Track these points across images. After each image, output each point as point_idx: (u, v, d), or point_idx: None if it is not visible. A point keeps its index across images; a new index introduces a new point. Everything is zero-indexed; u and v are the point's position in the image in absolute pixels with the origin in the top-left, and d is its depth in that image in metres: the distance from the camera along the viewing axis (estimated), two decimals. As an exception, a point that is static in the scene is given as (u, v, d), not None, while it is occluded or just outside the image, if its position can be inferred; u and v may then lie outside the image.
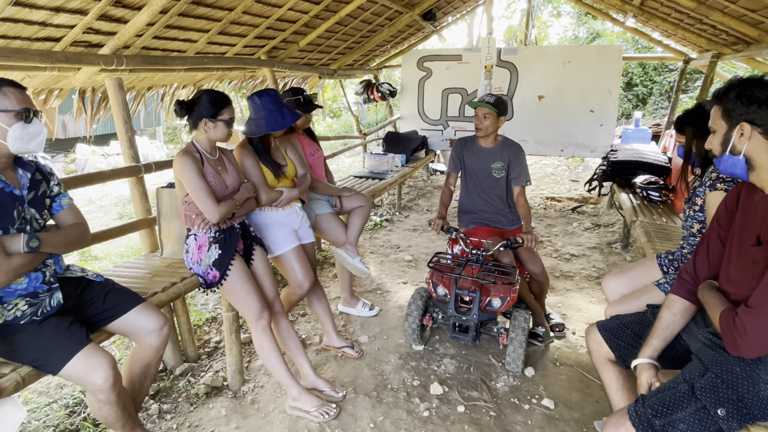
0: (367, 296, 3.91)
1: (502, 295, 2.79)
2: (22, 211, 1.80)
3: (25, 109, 1.76)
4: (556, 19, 17.05)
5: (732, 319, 1.47)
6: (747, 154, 1.53)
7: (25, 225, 1.81)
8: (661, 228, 3.47)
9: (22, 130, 1.76)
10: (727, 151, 1.57)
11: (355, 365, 2.97)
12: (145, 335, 2.07)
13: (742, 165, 1.55)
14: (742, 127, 1.50)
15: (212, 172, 2.37)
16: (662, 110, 12.30)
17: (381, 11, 5.48)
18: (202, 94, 2.34)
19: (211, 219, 2.31)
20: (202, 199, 2.28)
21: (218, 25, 3.53)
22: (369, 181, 5.27)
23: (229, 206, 2.35)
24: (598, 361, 2.01)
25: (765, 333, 1.40)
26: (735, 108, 1.51)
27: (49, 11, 2.45)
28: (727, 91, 1.54)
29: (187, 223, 2.44)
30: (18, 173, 1.85)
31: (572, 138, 6.62)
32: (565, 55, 6.47)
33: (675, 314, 1.78)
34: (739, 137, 1.52)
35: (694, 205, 2.28)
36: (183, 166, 2.27)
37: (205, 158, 2.38)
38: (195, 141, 2.41)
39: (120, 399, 1.90)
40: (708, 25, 4.60)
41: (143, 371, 2.16)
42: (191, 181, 2.27)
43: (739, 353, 1.46)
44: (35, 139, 1.81)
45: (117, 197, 8.47)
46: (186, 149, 2.38)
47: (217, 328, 3.46)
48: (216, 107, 2.33)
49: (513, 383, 2.78)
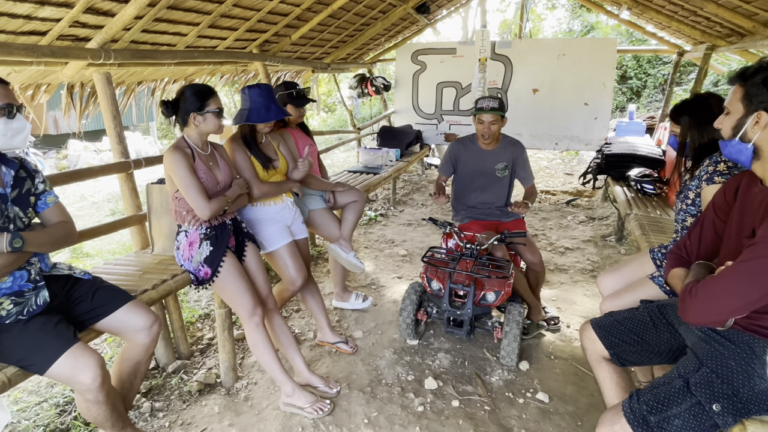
0: (362, 291, 3.89)
1: (496, 289, 2.77)
2: (5, 210, 1.77)
3: (7, 104, 1.73)
4: (550, 11, 17.01)
5: (692, 286, 1.47)
6: (757, 143, 1.47)
7: (8, 224, 1.77)
8: (655, 221, 3.47)
9: (5, 126, 1.72)
10: (737, 137, 1.50)
11: (350, 361, 2.95)
12: (135, 333, 2.04)
13: (748, 153, 1.50)
14: (759, 115, 1.43)
15: (203, 167, 2.33)
16: (656, 103, 12.30)
17: (374, 4, 5.43)
18: (185, 89, 2.30)
19: (201, 216, 2.28)
20: (192, 196, 2.25)
21: (208, 18, 3.48)
22: (363, 175, 5.24)
23: (220, 203, 2.32)
24: (592, 359, 1.99)
25: (714, 300, 1.39)
26: (759, 94, 1.42)
27: (33, 4, 2.39)
28: (755, 72, 1.44)
29: (177, 220, 2.41)
30: (1, 171, 1.81)
31: (567, 131, 6.61)
32: (560, 48, 6.45)
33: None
34: (753, 125, 1.45)
35: (686, 199, 2.26)
36: (173, 162, 2.23)
37: (196, 154, 2.34)
38: (186, 136, 2.37)
39: (109, 399, 1.87)
40: (702, 17, 4.59)
41: (133, 370, 2.13)
42: (181, 177, 2.23)
43: (684, 316, 1.46)
44: (19, 135, 1.77)
45: (109, 193, 8.41)
46: (176, 144, 2.33)
47: (210, 325, 3.44)
48: (201, 99, 2.28)
49: (507, 377, 2.77)
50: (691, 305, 1.43)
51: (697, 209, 2.20)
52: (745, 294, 1.35)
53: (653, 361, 1.93)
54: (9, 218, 1.78)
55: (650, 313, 1.92)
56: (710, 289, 1.41)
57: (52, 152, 12.41)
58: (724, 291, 1.38)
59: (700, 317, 1.43)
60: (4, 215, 1.76)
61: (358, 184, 4.72)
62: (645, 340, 1.87)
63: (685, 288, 1.50)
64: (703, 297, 1.41)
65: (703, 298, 1.41)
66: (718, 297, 1.39)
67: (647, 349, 1.87)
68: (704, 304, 1.41)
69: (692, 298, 1.44)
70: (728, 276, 1.39)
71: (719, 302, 1.39)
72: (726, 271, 1.40)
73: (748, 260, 1.35)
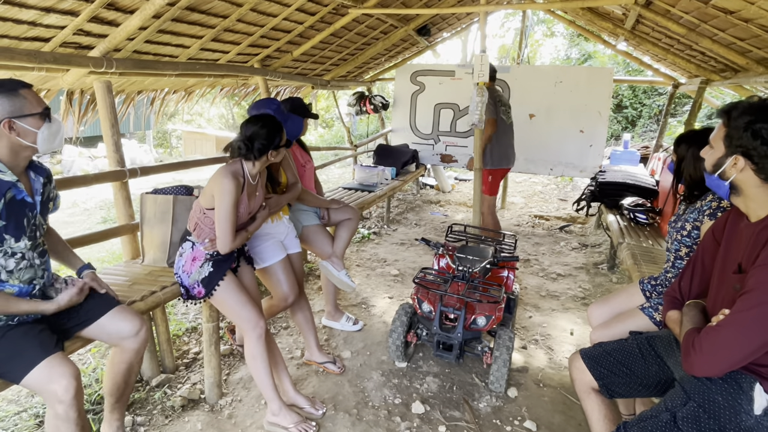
0: (352, 310, 3.87)
1: (487, 313, 2.77)
2: (32, 218, 1.78)
3: (45, 108, 1.76)
4: (548, 38, 17.28)
5: (693, 337, 1.47)
6: (735, 183, 1.51)
7: (35, 232, 1.79)
8: (647, 251, 3.49)
9: (48, 130, 1.75)
10: (716, 174, 1.55)
11: (337, 381, 2.92)
12: (122, 340, 2.02)
13: (725, 190, 1.55)
14: (737, 159, 1.47)
15: (245, 201, 2.33)
16: (651, 133, 12.46)
17: (376, 24, 5.50)
18: (257, 127, 2.29)
19: (221, 249, 2.27)
20: (224, 229, 2.23)
21: (212, 32, 3.51)
22: (358, 193, 5.24)
23: (242, 239, 2.35)
24: (581, 390, 1.98)
25: (720, 351, 1.39)
26: (739, 138, 1.45)
27: (39, 11, 2.41)
28: (739, 115, 1.46)
29: (194, 232, 2.39)
30: (30, 177, 1.82)
31: (562, 157, 6.66)
32: (557, 75, 6.54)
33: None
34: (731, 165, 1.49)
35: (682, 230, 2.27)
36: (225, 189, 2.20)
37: (246, 184, 2.33)
38: (244, 162, 2.35)
39: (80, 418, 1.77)
40: (697, 51, 4.68)
41: (126, 370, 2.11)
42: (224, 208, 2.21)
43: (691, 370, 1.46)
44: (57, 136, 1.80)
45: (102, 200, 8.36)
46: (235, 170, 2.28)
47: (197, 339, 3.39)
48: (279, 137, 2.34)
49: (496, 404, 2.75)
50: (698, 361, 1.43)
51: (692, 241, 2.21)
52: (751, 343, 1.36)
53: (641, 393, 1.92)
54: (35, 226, 1.79)
55: (639, 345, 1.92)
56: (714, 342, 1.41)
57: (46, 157, 12.36)
58: (729, 343, 1.38)
59: (707, 371, 1.43)
60: (30, 224, 1.76)
61: (352, 202, 4.73)
62: (634, 372, 1.87)
63: (687, 341, 1.50)
64: (708, 351, 1.41)
65: (709, 353, 1.41)
66: (724, 350, 1.39)
67: (636, 381, 1.87)
68: (710, 358, 1.41)
69: (697, 353, 1.43)
70: (732, 327, 1.39)
71: (725, 355, 1.39)
72: (728, 321, 1.40)
73: (749, 309, 1.36)
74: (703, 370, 1.44)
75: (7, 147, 1.70)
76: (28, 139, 1.71)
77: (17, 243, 1.74)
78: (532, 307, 4.02)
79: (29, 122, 1.70)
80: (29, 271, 1.82)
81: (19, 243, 1.75)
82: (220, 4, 3.26)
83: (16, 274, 1.77)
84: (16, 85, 1.70)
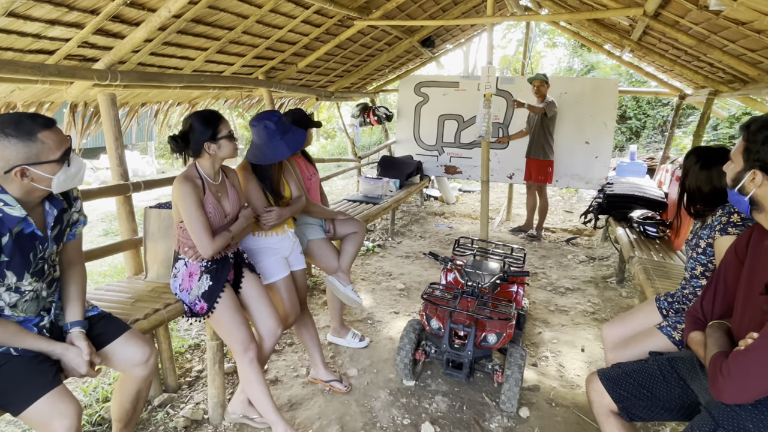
0: (358, 326, 3.79)
1: (498, 330, 2.69)
2: (41, 251, 1.70)
3: (65, 152, 1.65)
4: (551, 49, 17.30)
5: (721, 362, 1.42)
6: (755, 198, 1.50)
7: (42, 265, 1.72)
8: (659, 265, 3.42)
9: (64, 174, 1.66)
10: (736, 189, 1.54)
11: (343, 401, 2.84)
12: (131, 367, 1.95)
13: (745, 205, 1.54)
14: (755, 173, 1.46)
15: (213, 201, 2.26)
16: (655, 144, 12.42)
17: (381, 36, 5.49)
18: (191, 120, 2.24)
19: (203, 254, 2.21)
20: (197, 233, 2.17)
21: (217, 44, 3.48)
22: (363, 205, 5.19)
23: (224, 240, 2.25)
24: (599, 413, 1.90)
25: (749, 378, 1.34)
26: (757, 151, 1.44)
27: (44, 24, 2.38)
28: (758, 129, 1.45)
29: (180, 251, 2.33)
30: (45, 210, 1.74)
31: (567, 169, 6.62)
32: (562, 87, 6.51)
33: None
34: (750, 180, 1.48)
35: (697, 247, 2.21)
36: (182, 194, 2.15)
37: (207, 184, 2.27)
38: (198, 165, 2.29)
39: None
40: (705, 62, 4.64)
41: (134, 397, 2.05)
42: (188, 212, 2.15)
43: (719, 396, 1.40)
44: (76, 177, 1.72)
45: (104, 213, 8.31)
46: (187, 174, 2.24)
47: (200, 356, 3.32)
48: (212, 126, 2.23)
49: (507, 424, 2.67)
50: (726, 387, 1.37)
51: (707, 258, 2.15)
52: None
53: (663, 417, 1.85)
54: (43, 259, 1.72)
55: (660, 367, 1.85)
56: (743, 367, 1.35)
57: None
58: (759, 369, 1.33)
59: (737, 398, 1.38)
60: (37, 258, 1.69)
61: (357, 214, 4.67)
62: (655, 395, 1.80)
63: (714, 366, 1.44)
64: (738, 377, 1.35)
65: (738, 379, 1.35)
66: (754, 376, 1.34)
67: (657, 405, 1.80)
68: (740, 384, 1.35)
69: (725, 379, 1.37)
70: (762, 352, 1.33)
71: (756, 381, 1.34)
72: (757, 345, 1.35)
73: None
74: (733, 397, 1.38)
75: (18, 189, 1.61)
76: (42, 184, 1.63)
77: (20, 281, 1.66)
78: (542, 323, 3.94)
79: (45, 169, 1.60)
80: (34, 304, 1.74)
81: (22, 281, 1.67)
82: (226, 17, 3.23)
83: (21, 306, 1.70)
84: (34, 127, 1.57)
